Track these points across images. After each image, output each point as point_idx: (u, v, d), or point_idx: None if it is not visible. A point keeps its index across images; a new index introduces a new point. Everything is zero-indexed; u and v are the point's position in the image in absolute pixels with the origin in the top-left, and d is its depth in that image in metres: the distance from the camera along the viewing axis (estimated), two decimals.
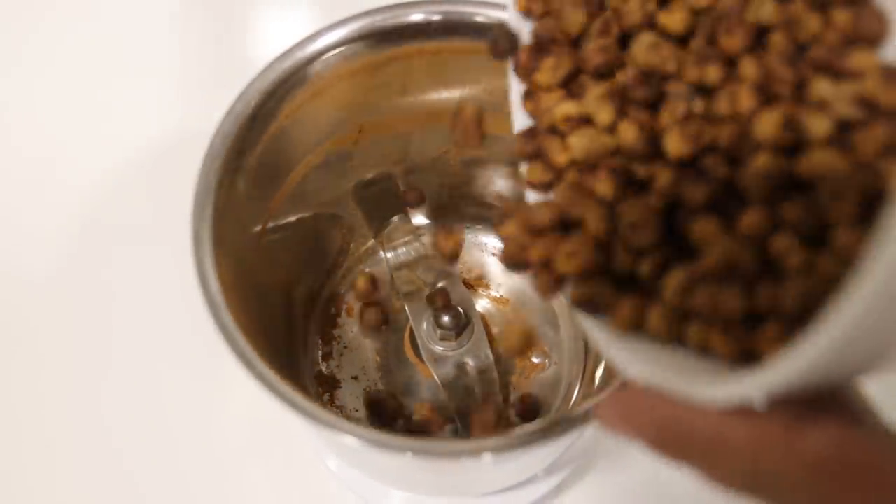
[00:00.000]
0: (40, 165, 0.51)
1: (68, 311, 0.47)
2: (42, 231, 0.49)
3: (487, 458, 0.28)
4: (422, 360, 0.42)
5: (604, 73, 0.25)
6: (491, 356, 0.41)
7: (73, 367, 0.45)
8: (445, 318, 0.40)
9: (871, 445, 0.18)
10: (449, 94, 0.39)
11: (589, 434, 0.42)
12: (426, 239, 0.43)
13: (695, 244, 0.21)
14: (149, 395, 0.44)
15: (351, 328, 0.44)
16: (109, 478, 0.42)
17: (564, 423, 0.29)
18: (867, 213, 0.18)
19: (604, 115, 0.24)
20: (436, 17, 0.36)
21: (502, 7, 0.35)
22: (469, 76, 0.38)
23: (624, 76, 0.24)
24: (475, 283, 0.45)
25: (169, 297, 0.46)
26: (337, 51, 0.36)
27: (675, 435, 0.19)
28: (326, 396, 0.42)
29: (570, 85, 0.26)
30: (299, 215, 0.41)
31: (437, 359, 0.41)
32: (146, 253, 0.48)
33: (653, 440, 0.19)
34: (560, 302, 0.43)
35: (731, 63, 0.22)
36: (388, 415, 0.39)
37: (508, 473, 0.38)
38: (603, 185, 0.23)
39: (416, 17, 0.36)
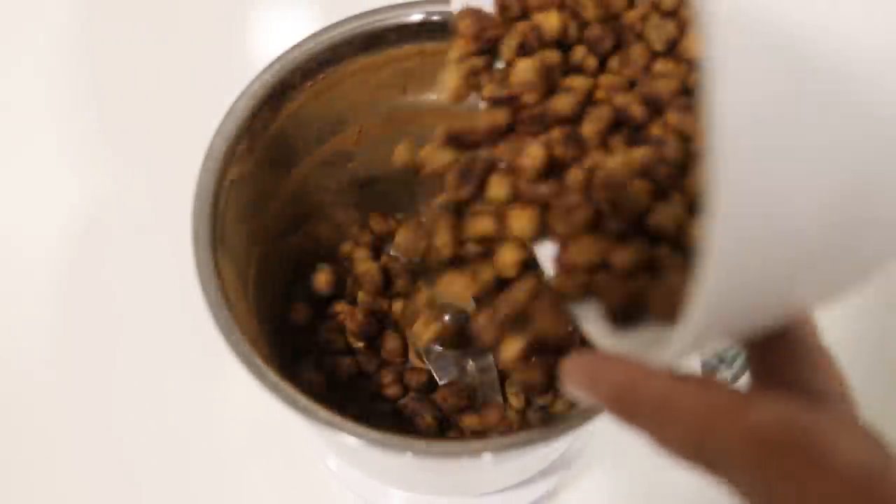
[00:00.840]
0: (41, 166, 0.51)
1: (68, 312, 0.47)
2: (43, 231, 0.49)
3: (487, 457, 0.28)
4: (423, 360, 0.42)
5: None
6: (491, 356, 0.41)
7: (74, 367, 0.45)
8: (446, 318, 0.40)
9: (818, 428, 0.18)
10: None
11: (587, 435, 0.42)
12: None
13: None
14: (149, 395, 0.44)
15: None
16: (110, 477, 0.42)
17: (563, 424, 0.29)
18: None
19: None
20: (435, 18, 0.36)
21: None
22: None
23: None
24: None
25: (169, 297, 0.46)
26: (337, 51, 0.36)
27: (630, 396, 0.20)
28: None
29: None
30: (299, 215, 0.41)
31: (437, 358, 0.41)
32: (146, 253, 0.48)
33: (609, 401, 0.20)
34: None
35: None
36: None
37: (508, 473, 0.38)
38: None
39: (416, 17, 0.36)
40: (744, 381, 0.42)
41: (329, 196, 0.42)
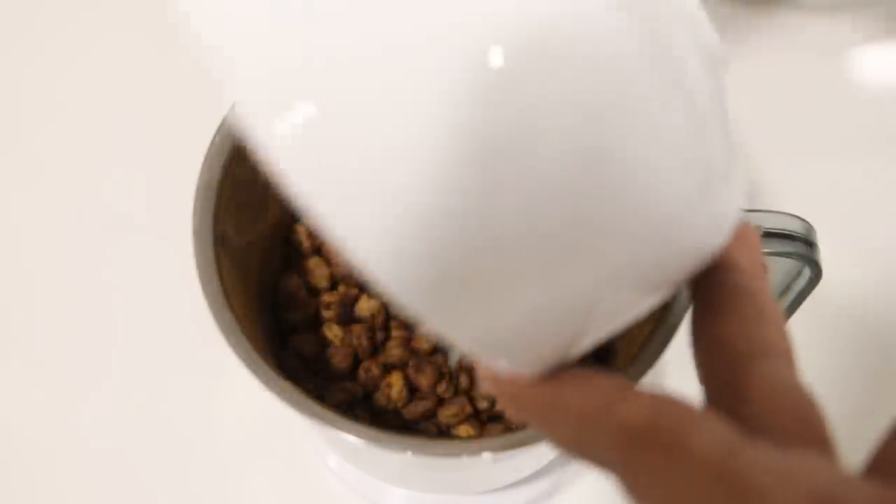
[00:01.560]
0: (40, 164, 0.52)
1: (68, 312, 0.47)
2: (42, 230, 0.49)
3: (487, 456, 0.28)
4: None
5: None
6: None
7: (74, 366, 0.45)
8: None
9: (680, 416, 0.18)
10: None
11: None
12: None
13: None
14: (149, 393, 0.44)
15: None
16: (110, 475, 0.43)
17: None
18: None
19: None
20: None
21: None
22: None
23: None
24: None
25: (170, 296, 0.46)
26: None
27: (522, 399, 0.20)
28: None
29: None
30: (300, 214, 0.41)
31: None
32: (147, 252, 0.48)
33: (508, 400, 0.21)
34: None
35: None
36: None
37: (508, 471, 0.38)
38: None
39: None
40: None
41: None
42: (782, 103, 0.53)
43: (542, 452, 0.37)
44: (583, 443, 0.19)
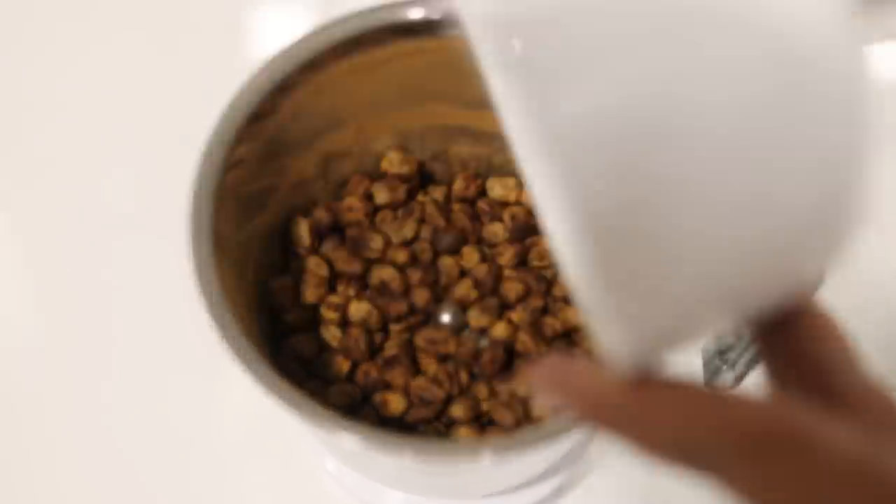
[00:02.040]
0: (40, 164, 0.51)
1: (68, 311, 0.47)
2: (42, 229, 0.49)
3: (487, 458, 0.28)
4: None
5: None
6: None
7: (73, 366, 0.45)
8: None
9: (798, 420, 0.18)
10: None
11: (588, 437, 0.42)
12: None
13: None
14: (148, 395, 0.44)
15: None
16: (108, 476, 0.42)
17: (563, 425, 0.29)
18: None
19: None
20: (435, 16, 0.36)
21: None
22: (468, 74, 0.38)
23: None
24: None
25: (168, 297, 0.46)
26: (336, 49, 0.36)
27: (612, 404, 0.19)
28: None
29: None
30: (299, 213, 0.40)
31: None
32: (145, 252, 0.48)
33: (585, 410, 0.19)
34: None
35: None
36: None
37: (508, 475, 0.38)
38: None
39: (416, 14, 0.36)
40: (747, 381, 0.42)
41: (327, 195, 0.42)
42: None
43: (543, 456, 0.37)
44: (687, 452, 0.18)
